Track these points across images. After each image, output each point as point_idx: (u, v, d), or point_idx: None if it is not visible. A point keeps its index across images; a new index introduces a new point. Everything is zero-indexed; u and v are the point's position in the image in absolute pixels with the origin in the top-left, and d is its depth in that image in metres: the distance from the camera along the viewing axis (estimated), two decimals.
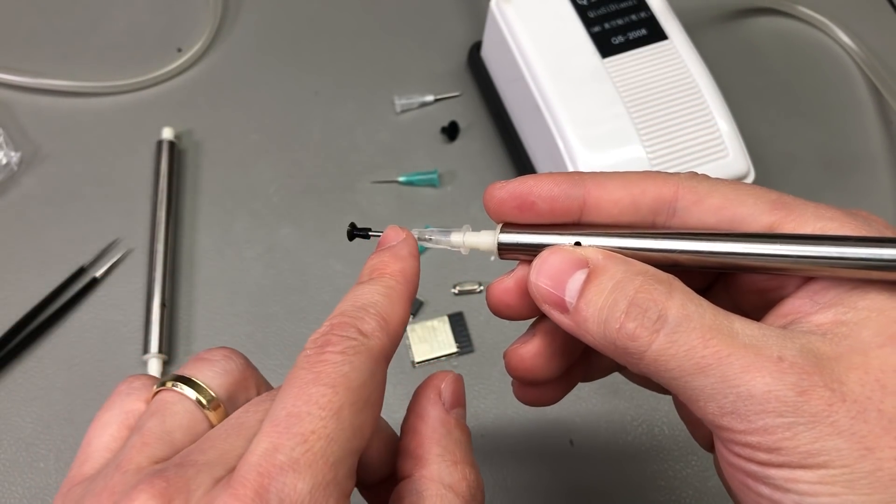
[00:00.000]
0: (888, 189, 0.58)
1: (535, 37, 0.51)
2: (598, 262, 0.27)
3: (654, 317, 0.25)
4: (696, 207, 0.28)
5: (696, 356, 0.25)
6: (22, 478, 0.47)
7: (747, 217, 0.28)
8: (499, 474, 0.48)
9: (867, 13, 0.66)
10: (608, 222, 0.29)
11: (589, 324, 0.27)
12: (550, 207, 0.29)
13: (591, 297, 0.27)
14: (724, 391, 0.24)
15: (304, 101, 0.60)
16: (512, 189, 0.29)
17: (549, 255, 0.28)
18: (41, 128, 0.58)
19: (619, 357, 0.27)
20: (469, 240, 0.30)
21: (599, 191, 0.29)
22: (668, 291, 0.26)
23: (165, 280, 0.51)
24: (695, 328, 0.25)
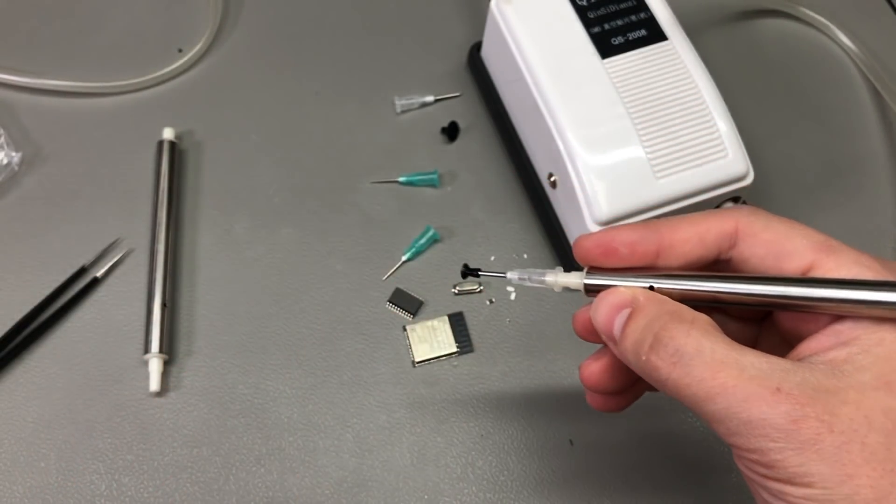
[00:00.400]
0: (887, 190, 0.59)
1: (534, 37, 0.52)
2: (639, 303, 0.33)
3: (672, 351, 0.31)
4: (751, 240, 0.33)
5: (706, 386, 0.30)
6: (23, 477, 0.47)
7: (793, 253, 0.33)
8: (498, 474, 0.48)
9: (867, 14, 0.66)
10: (681, 260, 0.34)
11: (627, 354, 0.32)
12: (631, 252, 0.34)
13: (628, 333, 0.32)
14: (729, 416, 0.29)
15: (304, 102, 0.60)
16: (597, 239, 0.34)
17: (604, 297, 0.34)
18: (42, 128, 0.58)
19: (650, 381, 0.32)
20: (561, 280, 0.36)
21: (672, 234, 0.34)
22: (687, 330, 0.31)
23: (166, 280, 0.52)
24: (706, 362, 0.30)
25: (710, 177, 0.49)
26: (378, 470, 0.48)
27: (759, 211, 0.34)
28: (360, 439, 0.49)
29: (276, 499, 0.47)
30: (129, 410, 0.49)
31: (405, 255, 0.54)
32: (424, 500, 0.47)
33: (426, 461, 0.48)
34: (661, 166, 0.48)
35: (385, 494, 0.47)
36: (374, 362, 0.51)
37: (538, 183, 0.54)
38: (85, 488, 0.47)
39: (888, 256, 0.56)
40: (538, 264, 0.54)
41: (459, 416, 0.49)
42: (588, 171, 0.48)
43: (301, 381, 0.50)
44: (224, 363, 0.51)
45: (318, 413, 0.49)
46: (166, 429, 0.49)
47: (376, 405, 0.50)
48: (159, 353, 0.49)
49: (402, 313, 0.52)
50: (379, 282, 0.53)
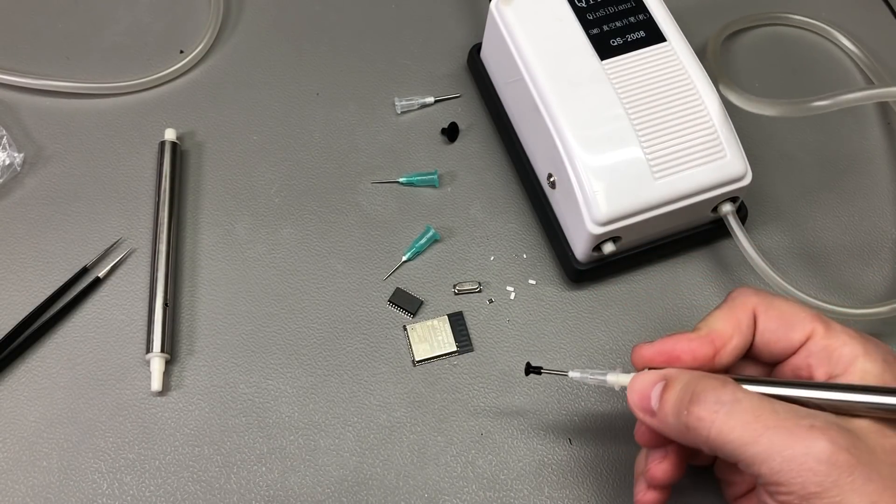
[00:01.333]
0: (886, 190, 0.59)
1: (534, 39, 0.52)
2: (671, 374, 0.39)
3: (712, 402, 0.36)
4: (764, 316, 0.40)
5: (749, 429, 0.35)
6: (25, 476, 0.47)
7: (797, 323, 0.39)
8: (498, 472, 0.48)
9: (864, 15, 0.66)
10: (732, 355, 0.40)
11: (668, 417, 0.37)
12: (692, 357, 0.40)
13: (667, 398, 0.38)
14: (772, 455, 0.34)
15: (305, 103, 0.60)
16: (659, 349, 0.40)
17: (637, 378, 0.40)
18: (44, 129, 0.58)
19: (691, 439, 0.37)
20: (621, 381, 0.42)
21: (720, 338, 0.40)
22: (722, 384, 0.37)
23: (168, 280, 0.52)
24: (745, 409, 0.35)
25: (708, 177, 0.49)
26: (378, 469, 0.48)
27: (758, 291, 0.41)
28: (361, 438, 0.49)
29: (276, 497, 0.47)
30: (131, 410, 0.49)
31: (405, 255, 0.54)
32: (424, 498, 0.47)
33: (426, 460, 0.48)
34: (659, 167, 0.49)
35: (385, 493, 0.47)
36: (374, 362, 0.51)
37: (538, 183, 0.54)
38: (87, 487, 0.47)
39: (886, 256, 0.56)
40: (537, 264, 0.54)
41: (459, 416, 0.50)
42: (587, 171, 0.48)
43: (302, 381, 0.50)
44: (225, 362, 0.51)
45: (319, 412, 0.50)
46: (168, 428, 0.49)
47: (377, 404, 0.50)
48: (161, 352, 0.50)
49: (403, 313, 0.53)
50: (379, 282, 0.54)
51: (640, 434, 0.42)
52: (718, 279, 0.55)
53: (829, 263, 0.56)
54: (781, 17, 0.65)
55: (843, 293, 0.55)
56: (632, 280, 0.54)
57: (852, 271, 0.56)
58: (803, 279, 0.55)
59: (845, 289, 0.55)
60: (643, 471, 0.43)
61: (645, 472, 0.42)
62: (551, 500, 0.48)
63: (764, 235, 0.56)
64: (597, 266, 0.52)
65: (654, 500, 0.43)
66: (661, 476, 0.42)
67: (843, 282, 0.55)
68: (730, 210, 0.51)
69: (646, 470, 0.42)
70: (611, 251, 0.50)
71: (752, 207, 0.55)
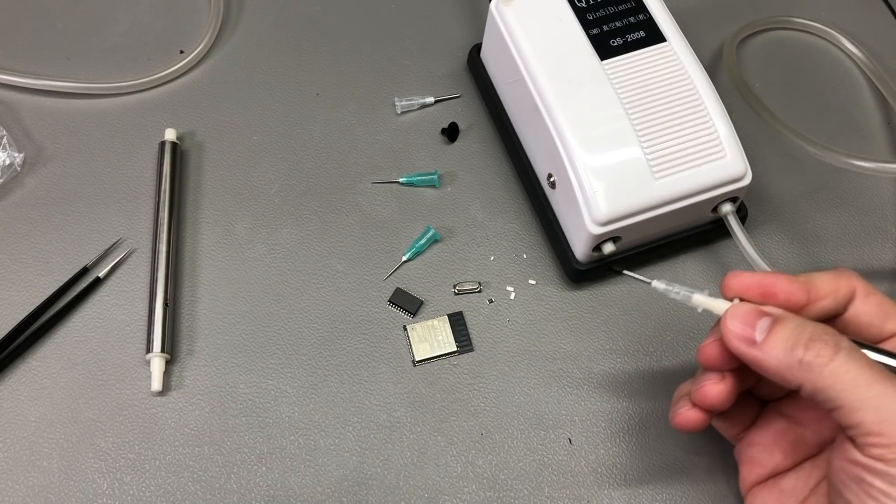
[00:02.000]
0: (887, 190, 0.59)
1: (534, 39, 0.52)
2: (780, 313, 0.39)
3: (833, 344, 0.37)
4: (864, 300, 0.41)
5: (865, 374, 0.35)
6: (25, 476, 0.47)
7: (893, 315, 0.40)
8: (498, 472, 0.48)
9: (866, 17, 0.66)
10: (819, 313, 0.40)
11: (776, 350, 0.37)
12: (787, 299, 0.40)
13: (779, 332, 0.38)
14: (885, 403, 0.35)
15: (305, 103, 0.60)
16: (759, 280, 0.40)
17: (740, 306, 0.40)
18: (44, 129, 0.58)
19: (795, 375, 0.37)
20: (708, 303, 0.42)
21: (817, 291, 0.40)
22: (840, 335, 0.37)
23: (168, 280, 0.52)
24: (862, 357, 0.36)
25: (708, 177, 0.49)
26: (378, 468, 0.48)
27: (860, 276, 0.41)
28: (361, 438, 0.49)
29: (277, 497, 0.47)
30: (131, 410, 0.49)
31: (405, 255, 0.54)
32: (424, 498, 0.47)
33: (426, 460, 0.48)
34: (659, 167, 0.49)
35: (385, 493, 0.47)
36: (374, 361, 0.51)
37: (537, 183, 0.54)
38: (87, 487, 0.47)
39: (887, 256, 0.56)
40: (537, 264, 0.54)
41: (459, 415, 0.50)
42: (587, 171, 0.48)
43: (302, 380, 0.50)
44: (225, 362, 0.51)
45: (319, 412, 0.50)
46: (168, 428, 0.49)
47: (377, 404, 0.50)
48: (161, 352, 0.50)
49: (403, 313, 0.53)
50: (379, 282, 0.54)
51: (706, 353, 0.41)
52: (718, 279, 0.54)
53: (829, 264, 0.56)
54: (783, 21, 0.65)
55: None
56: (632, 280, 0.54)
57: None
58: None
59: None
60: (689, 391, 0.42)
61: (696, 389, 0.42)
62: (551, 500, 0.48)
63: (764, 235, 0.56)
64: (597, 266, 0.52)
65: (694, 419, 0.42)
66: (713, 395, 0.41)
67: None
68: (730, 210, 0.51)
69: (698, 388, 0.41)
70: (611, 251, 0.50)
71: (752, 207, 0.55)
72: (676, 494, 0.48)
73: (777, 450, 0.42)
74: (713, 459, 0.49)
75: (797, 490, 0.41)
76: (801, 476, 0.41)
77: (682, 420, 0.42)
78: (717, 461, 0.49)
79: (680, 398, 0.43)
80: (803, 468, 0.42)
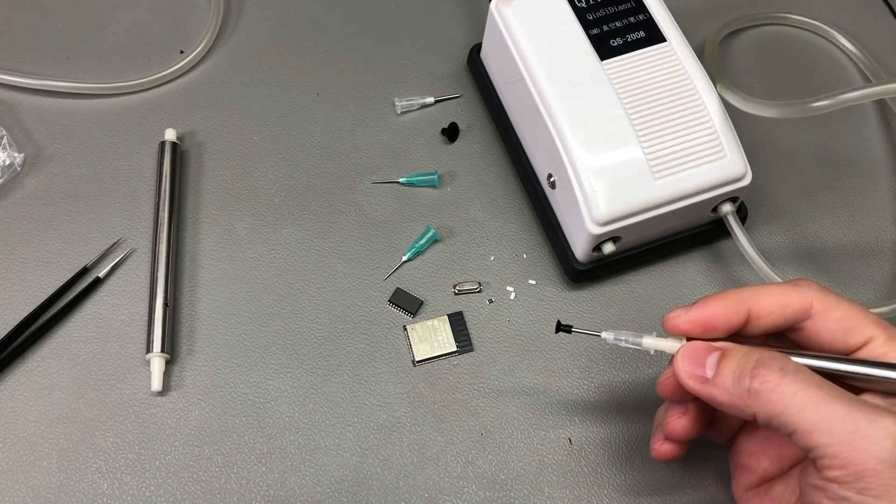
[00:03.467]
0: (886, 190, 0.59)
1: (534, 39, 0.52)
2: (728, 346, 0.39)
3: (777, 368, 0.36)
4: (825, 315, 0.40)
5: (814, 395, 0.35)
6: (25, 476, 0.47)
7: (857, 328, 0.39)
8: (498, 472, 0.48)
9: (864, 15, 0.66)
10: (763, 329, 0.40)
11: (726, 382, 0.38)
12: (727, 326, 0.40)
13: (727, 365, 0.38)
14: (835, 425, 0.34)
15: (305, 103, 0.60)
16: (694, 318, 0.40)
17: (689, 346, 0.40)
18: (44, 129, 0.58)
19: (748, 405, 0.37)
20: (658, 345, 0.42)
21: (758, 307, 0.40)
22: (785, 358, 0.37)
23: (168, 280, 0.52)
24: (810, 377, 0.36)
25: (708, 177, 0.49)
26: (378, 468, 0.48)
27: (822, 288, 0.40)
28: (361, 438, 0.49)
29: (277, 497, 0.47)
30: (131, 409, 0.49)
31: (405, 255, 0.54)
32: (424, 498, 0.47)
33: (426, 460, 0.48)
34: (659, 167, 0.49)
35: (385, 493, 0.47)
36: (374, 361, 0.51)
37: (538, 183, 0.54)
38: (87, 487, 0.47)
39: (886, 256, 0.56)
40: (537, 264, 0.54)
41: (459, 416, 0.50)
42: (587, 171, 0.48)
43: (302, 380, 0.50)
44: (225, 362, 0.51)
45: (319, 412, 0.50)
46: (168, 428, 0.49)
47: (377, 404, 0.50)
48: (161, 352, 0.50)
49: (403, 313, 0.53)
50: (379, 282, 0.54)
51: (663, 387, 0.42)
52: (718, 279, 0.55)
53: (829, 263, 0.56)
54: (780, 17, 0.65)
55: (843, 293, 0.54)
56: (632, 280, 0.54)
57: (852, 271, 0.56)
58: None
59: (845, 289, 0.55)
60: (661, 423, 0.43)
61: (664, 424, 0.43)
62: (551, 500, 0.48)
63: (764, 235, 0.56)
64: (597, 266, 0.52)
65: (669, 452, 0.43)
66: (678, 430, 0.42)
67: (843, 282, 0.55)
68: (730, 210, 0.51)
69: (665, 423, 0.43)
70: (611, 251, 0.50)
71: (752, 207, 0.55)
72: (676, 494, 0.48)
73: (764, 456, 0.42)
74: (712, 461, 0.49)
75: (785, 497, 0.41)
76: (790, 483, 0.41)
77: (658, 453, 0.44)
78: (716, 463, 0.49)
79: (656, 428, 0.45)
80: (792, 474, 0.42)
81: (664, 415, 0.44)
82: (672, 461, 0.44)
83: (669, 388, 0.42)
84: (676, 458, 0.44)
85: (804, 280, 0.41)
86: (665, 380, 0.42)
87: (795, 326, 0.40)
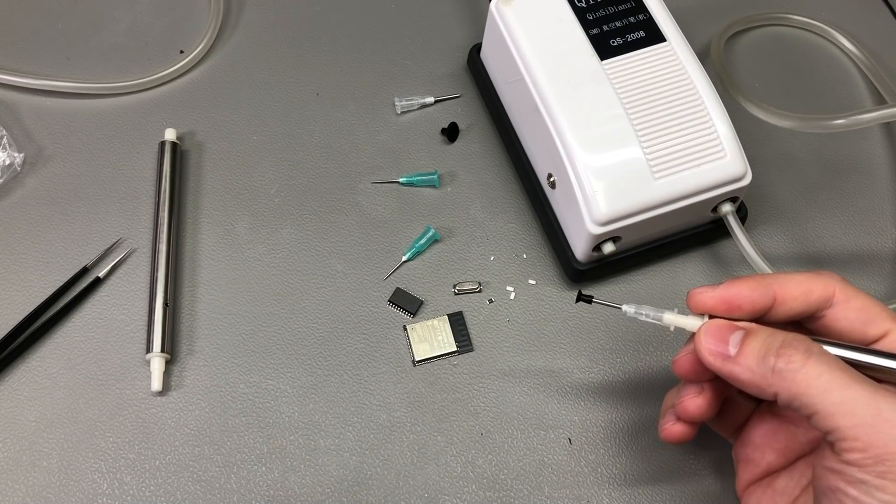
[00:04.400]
0: (886, 190, 0.59)
1: (534, 39, 0.52)
2: (751, 326, 0.39)
3: (804, 350, 0.36)
4: (846, 305, 0.40)
5: (838, 377, 0.35)
6: (25, 476, 0.47)
7: (876, 319, 0.39)
8: (498, 472, 0.48)
9: (864, 16, 0.66)
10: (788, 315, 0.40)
11: (750, 360, 0.38)
12: (752, 308, 0.40)
13: (751, 343, 0.38)
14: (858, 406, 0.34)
15: (305, 103, 0.60)
16: (721, 295, 0.40)
17: (712, 323, 0.40)
18: (44, 129, 0.58)
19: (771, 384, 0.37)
20: (679, 321, 0.42)
21: (783, 292, 0.40)
22: (809, 341, 0.37)
23: (168, 279, 0.52)
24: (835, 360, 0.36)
25: (708, 177, 0.49)
26: (378, 468, 0.48)
27: (845, 280, 0.41)
28: (361, 438, 0.49)
29: (277, 497, 0.47)
30: (131, 409, 0.49)
31: (405, 255, 0.54)
32: (424, 498, 0.47)
33: (426, 460, 0.48)
34: (659, 167, 0.49)
35: (385, 493, 0.47)
36: (374, 361, 0.51)
37: (537, 183, 0.54)
38: (87, 487, 0.47)
39: (887, 257, 0.56)
40: (537, 264, 0.54)
41: (459, 415, 0.50)
42: (587, 171, 0.48)
43: (302, 380, 0.50)
44: (225, 362, 0.51)
45: (319, 412, 0.50)
46: (168, 428, 0.49)
47: (377, 404, 0.50)
48: (161, 352, 0.50)
49: (403, 313, 0.53)
50: (379, 282, 0.54)
51: (680, 365, 0.42)
52: (718, 279, 0.55)
53: (828, 263, 0.56)
54: (781, 18, 0.65)
55: None
56: (632, 280, 0.54)
57: (852, 271, 0.56)
58: None
59: None
60: (673, 404, 0.43)
61: (677, 404, 0.42)
62: (551, 500, 0.48)
63: (764, 235, 0.56)
64: (597, 266, 0.52)
65: (680, 433, 0.43)
66: (693, 410, 0.42)
67: None
68: (730, 210, 0.51)
69: (678, 402, 0.42)
70: (611, 251, 0.50)
71: (752, 207, 0.55)
72: (676, 494, 0.48)
73: (769, 449, 0.42)
74: (712, 459, 0.49)
75: (789, 489, 0.41)
76: (794, 475, 0.41)
77: (669, 434, 0.43)
78: (717, 461, 0.49)
79: (666, 410, 0.44)
80: (796, 467, 0.42)
81: (677, 395, 0.43)
82: (681, 443, 0.44)
83: (687, 367, 0.41)
84: (686, 441, 0.43)
85: (826, 271, 0.41)
86: (682, 357, 0.41)
87: (817, 315, 0.40)
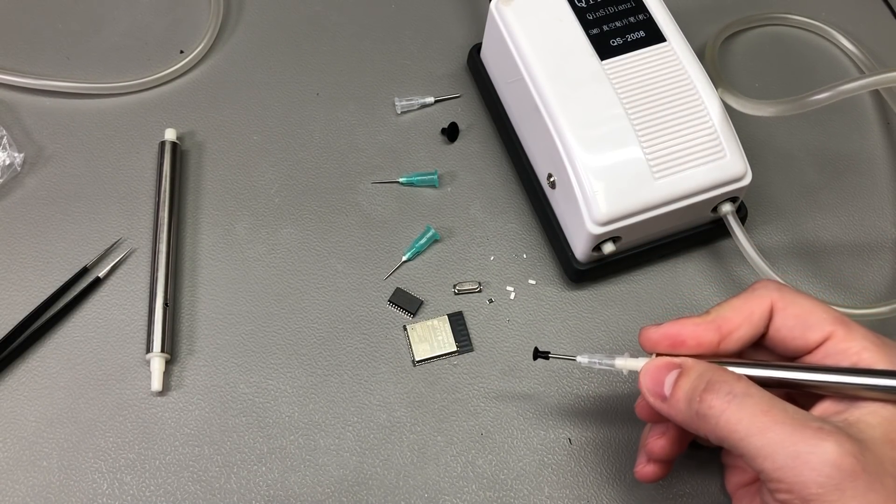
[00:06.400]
0: (885, 190, 0.59)
1: (534, 39, 0.52)
2: (687, 363, 0.39)
3: (726, 392, 0.36)
4: (783, 313, 0.40)
5: (757, 421, 0.35)
6: (25, 476, 0.47)
7: (815, 325, 0.39)
8: (498, 472, 0.48)
9: (864, 15, 0.66)
10: (738, 344, 0.40)
11: (680, 404, 0.38)
12: (697, 343, 0.40)
13: (681, 385, 0.38)
14: (777, 450, 0.34)
15: (305, 103, 0.60)
16: (664, 332, 0.40)
17: (651, 363, 0.40)
18: (44, 129, 0.58)
19: (699, 427, 0.37)
20: (630, 365, 0.42)
21: (728, 325, 0.40)
22: (736, 378, 0.37)
23: (168, 280, 0.52)
24: (756, 402, 0.36)
25: (708, 177, 0.49)
26: (378, 468, 0.48)
27: (782, 286, 0.41)
28: (361, 438, 0.49)
29: (276, 497, 0.47)
30: (131, 409, 0.49)
31: (405, 255, 0.54)
32: (424, 498, 0.47)
33: (426, 460, 0.48)
34: (659, 167, 0.49)
35: (385, 493, 0.47)
36: (374, 361, 0.51)
37: (537, 183, 0.54)
38: (87, 487, 0.47)
39: (887, 256, 0.56)
40: (537, 264, 0.54)
41: (459, 415, 0.50)
42: (587, 171, 0.48)
43: (302, 380, 0.50)
44: (225, 362, 0.51)
45: (319, 412, 0.50)
46: (168, 428, 0.49)
47: (377, 404, 0.50)
48: (161, 352, 0.50)
49: (403, 313, 0.53)
50: (379, 282, 0.54)
51: (640, 409, 0.43)
52: (718, 279, 0.55)
53: (828, 263, 0.56)
54: (780, 18, 0.65)
55: (843, 293, 0.55)
56: (632, 280, 0.54)
57: (852, 271, 0.56)
58: (803, 279, 0.55)
59: (845, 289, 0.55)
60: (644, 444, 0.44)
61: (646, 445, 0.43)
62: (551, 500, 0.48)
63: (764, 235, 0.56)
64: (597, 266, 0.52)
65: (652, 473, 0.44)
66: (658, 451, 0.43)
67: (842, 282, 0.55)
68: (730, 210, 0.52)
69: (644, 444, 0.43)
70: (611, 251, 0.50)
71: (752, 207, 0.55)
72: (676, 494, 0.48)
73: None
74: (711, 459, 0.49)
75: None
76: None
77: (641, 475, 0.44)
78: (715, 461, 0.49)
79: (641, 448, 0.45)
80: None
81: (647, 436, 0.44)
82: (655, 482, 0.45)
83: (647, 409, 0.42)
84: (659, 479, 0.44)
85: (762, 282, 0.41)
86: (641, 401, 0.42)
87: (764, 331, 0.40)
